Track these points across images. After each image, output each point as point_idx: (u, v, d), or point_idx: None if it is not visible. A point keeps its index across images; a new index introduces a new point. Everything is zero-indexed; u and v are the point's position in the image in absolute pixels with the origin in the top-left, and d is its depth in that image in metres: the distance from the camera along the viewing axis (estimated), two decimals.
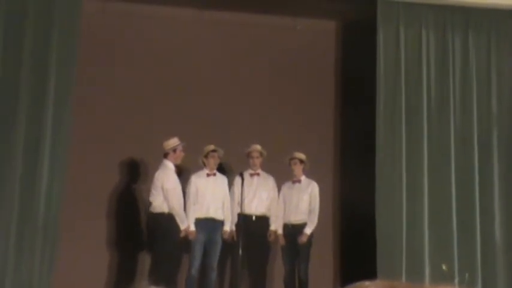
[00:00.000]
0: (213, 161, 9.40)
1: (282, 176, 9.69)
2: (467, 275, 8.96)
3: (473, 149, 9.72)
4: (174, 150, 9.17)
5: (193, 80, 10.32)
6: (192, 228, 9.21)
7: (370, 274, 8.56)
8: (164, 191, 9.01)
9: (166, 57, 10.28)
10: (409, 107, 9.71)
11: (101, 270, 9.77)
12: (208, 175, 9.42)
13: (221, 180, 9.51)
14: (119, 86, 10.09)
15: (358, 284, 3.86)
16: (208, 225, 9.29)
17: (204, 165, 9.43)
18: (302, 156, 9.58)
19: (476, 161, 9.71)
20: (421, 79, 9.78)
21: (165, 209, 9.03)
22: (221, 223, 9.36)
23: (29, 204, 8.78)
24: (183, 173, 9.70)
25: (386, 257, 9.29)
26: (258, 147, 9.58)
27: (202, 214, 9.30)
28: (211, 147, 9.38)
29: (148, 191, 9.23)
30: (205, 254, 9.24)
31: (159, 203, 9.05)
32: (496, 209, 9.64)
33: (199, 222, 9.27)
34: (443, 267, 8.42)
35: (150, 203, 9.18)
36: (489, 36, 10.03)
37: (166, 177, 9.07)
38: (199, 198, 9.33)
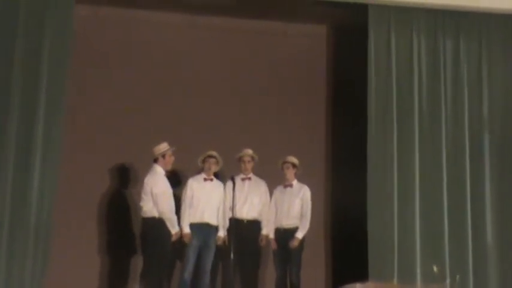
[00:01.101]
0: (208, 166, 9.41)
1: (275, 180, 9.68)
2: (458, 276, 8.97)
3: (464, 152, 9.75)
4: (164, 156, 9.17)
5: (186, 85, 10.34)
6: (187, 230, 9.19)
7: (362, 277, 8.60)
8: (153, 196, 9.00)
9: (159, 61, 10.30)
10: (401, 110, 9.73)
11: (92, 275, 9.75)
12: (205, 180, 9.43)
13: (217, 186, 9.51)
14: (111, 90, 10.11)
15: (348, 286, 3.90)
16: (203, 229, 9.28)
17: (202, 169, 9.44)
18: (294, 160, 9.59)
19: (468, 164, 9.73)
20: (413, 83, 9.80)
21: (156, 214, 9.01)
22: (215, 228, 9.35)
23: (21, 210, 8.77)
24: (178, 177, 9.70)
25: (378, 260, 9.28)
26: (250, 151, 9.59)
27: (196, 219, 9.30)
28: (209, 153, 9.39)
29: (139, 196, 9.21)
30: (199, 258, 9.23)
31: (149, 208, 9.03)
32: (488, 211, 9.66)
33: (193, 226, 9.26)
34: (434, 269, 8.43)
35: (140, 208, 9.16)
36: (480, 40, 10.07)
37: (155, 182, 9.06)
38: (195, 202, 9.32)
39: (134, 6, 10.20)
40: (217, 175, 9.62)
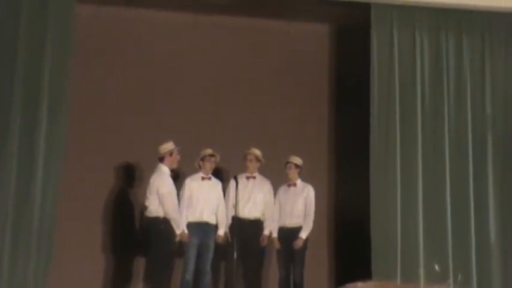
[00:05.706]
0: (208, 165, 9.41)
1: (278, 179, 9.68)
2: (460, 275, 8.97)
3: (467, 150, 9.74)
4: (170, 154, 9.17)
5: (188, 84, 10.36)
6: (185, 230, 9.18)
7: (365, 277, 8.59)
8: (159, 196, 8.99)
9: (160, 60, 10.32)
10: (403, 109, 9.73)
11: (96, 275, 9.76)
12: (203, 179, 9.42)
13: (216, 184, 9.51)
14: (113, 89, 10.12)
15: (350, 285, 3.89)
16: (202, 229, 9.27)
17: (200, 168, 9.43)
18: (298, 160, 9.59)
19: (471, 162, 9.72)
20: (415, 82, 9.80)
21: (161, 214, 9.00)
22: (214, 227, 9.35)
23: (24, 209, 8.76)
24: (179, 175, 9.70)
25: (381, 259, 9.27)
26: (256, 151, 9.56)
27: (195, 218, 9.29)
28: (209, 151, 9.38)
29: (144, 195, 9.21)
30: (198, 258, 9.21)
31: (154, 208, 9.03)
32: (491, 210, 9.65)
33: (192, 226, 9.24)
34: (436, 267, 8.43)
35: (145, 208, 9.15)
36: (483, 38, 10.07)
37: (161, 182, 9.05)
38: (193, 202, 9.31)
39: (136, 5, 10.21)
40: (217, 174, 9.63)
